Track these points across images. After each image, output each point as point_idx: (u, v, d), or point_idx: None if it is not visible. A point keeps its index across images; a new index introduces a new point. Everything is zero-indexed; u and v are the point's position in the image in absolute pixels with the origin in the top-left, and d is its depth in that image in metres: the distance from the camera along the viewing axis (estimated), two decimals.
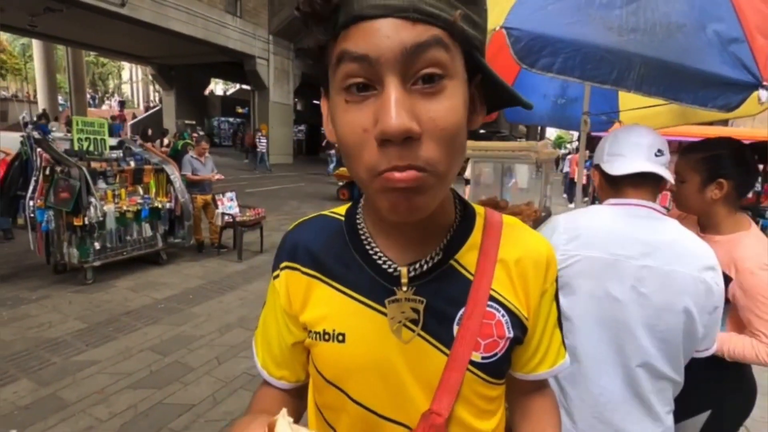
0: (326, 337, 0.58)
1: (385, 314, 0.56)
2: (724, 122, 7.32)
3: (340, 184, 10.53)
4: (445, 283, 0.56)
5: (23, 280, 4.36)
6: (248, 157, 18.29)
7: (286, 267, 0.62)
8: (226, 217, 5.40)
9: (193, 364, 2.98)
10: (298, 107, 23.07)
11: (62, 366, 2.88)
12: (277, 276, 0.63)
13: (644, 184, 1.06)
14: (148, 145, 5.51)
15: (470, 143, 3.04)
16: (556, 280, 0.62)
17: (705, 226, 1.32)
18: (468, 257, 0.57)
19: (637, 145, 1.07)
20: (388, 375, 0.56)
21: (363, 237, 0.59)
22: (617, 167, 1.07)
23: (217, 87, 35.90)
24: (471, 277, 0.56)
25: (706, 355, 1.10)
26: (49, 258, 4.43)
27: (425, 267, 0.56)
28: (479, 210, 0.63)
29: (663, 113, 2.13)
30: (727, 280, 1.18)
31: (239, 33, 16.71)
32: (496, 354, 0.56)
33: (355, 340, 0.57)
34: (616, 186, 1.10)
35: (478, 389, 0.57)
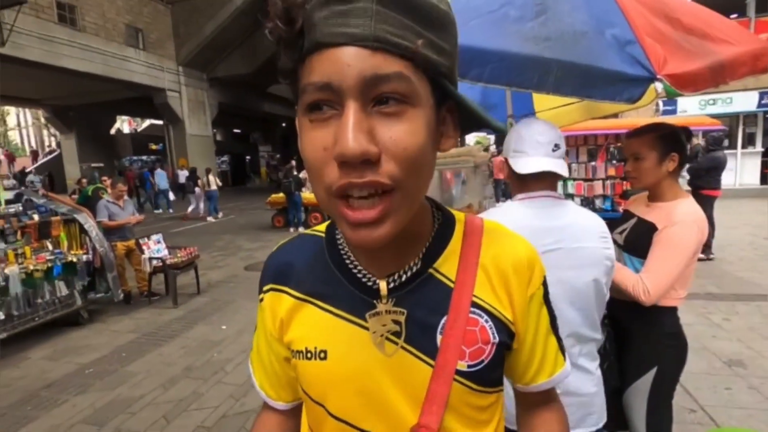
0: (308, 355, 0.57)
1: (367, 329, 0.55)
2: (615, 115, 8.32)
3: (275, 211, 10.24)
4: (425, 292, 0.55)
5: None
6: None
7: (270, 289, 0.63)
8: (155, 262, 4.98)
9: (136, 428, 2.67)
10: (218, 138, 22.17)
11: None
12: (262, 299, 0.64)
13: (546, 177, 1.18)
14: (54, 194, 4.94)
15: None
16: (545, 284, 0.61)
17: (653, 196, 1.51)
18: (447, 265, 0.57)
19: (538, 143, 1.18)
20: (372, 390, 0.55)
21: (342, 252, 0.59)
22: (522, 166, 1.18)
23: (124, 125, 33.35)
24: (452, 285, 0.56)
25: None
26: None
27: (404, 277, 0.55)
28: (459, 216, 0.62)
29: (573, 110, 2.36)
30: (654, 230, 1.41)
31: (144, 66, 15.83)
32: (482, 361, 0.55)
33: (336, 357, 0.56)
34: (522, 180, 1.21)
35: (467, 399, 0.56)
